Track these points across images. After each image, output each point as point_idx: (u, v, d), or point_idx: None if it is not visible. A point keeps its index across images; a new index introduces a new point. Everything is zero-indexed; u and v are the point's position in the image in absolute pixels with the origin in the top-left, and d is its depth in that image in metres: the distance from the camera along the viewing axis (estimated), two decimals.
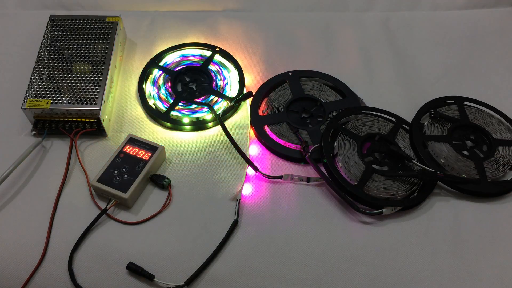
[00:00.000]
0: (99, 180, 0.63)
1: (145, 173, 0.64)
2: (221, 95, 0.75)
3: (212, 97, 0.75)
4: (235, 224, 0.62)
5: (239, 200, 0.64)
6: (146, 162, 0.65)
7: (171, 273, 0.58)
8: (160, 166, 0.68)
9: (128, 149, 0.66)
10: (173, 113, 0.73)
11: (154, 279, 0.57)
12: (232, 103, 0.73)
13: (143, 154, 0.66)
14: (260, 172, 0.67)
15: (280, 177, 0.67)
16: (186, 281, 0.57)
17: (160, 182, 0.65)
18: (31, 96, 0.68)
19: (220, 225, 0.62)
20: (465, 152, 0.69)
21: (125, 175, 0.63)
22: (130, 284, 0.57)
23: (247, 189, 0.66)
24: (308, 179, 0.67)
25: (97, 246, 0.60)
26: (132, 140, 0.67)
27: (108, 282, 0.57)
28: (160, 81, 0.77)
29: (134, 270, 0.57)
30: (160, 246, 0.60)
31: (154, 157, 0.65)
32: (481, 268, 0.60)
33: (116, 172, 0.63)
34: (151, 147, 0.66)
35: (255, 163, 0.67)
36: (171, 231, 0.62)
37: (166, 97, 0.75)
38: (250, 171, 0.68)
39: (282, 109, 0.74)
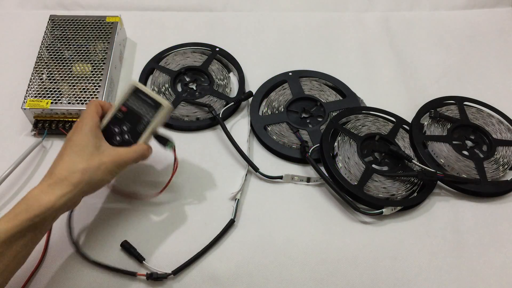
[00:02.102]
0: None
1: (148, 134, 0.57)
2: (221, 95, 0.75)
3: (212, 97, 0.75)
4: (231, 223, 0.62)
5: (238, 200, 0.64)
6: (149, 121, 0.57)
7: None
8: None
9: (131, 102, 0.57)
10: (173, 113, 0.73)
11: (143, 261, 0.58)
12: (232, 103, 0.73)
13: (146, 111, 0.57)
14: (260, 172, 0.67)
15: (281, 177, 0.67)
16: (173, 270, 0.57)
17: (163, 143, 0.59)
18: (31, 96, 0.69)
19: (219, 224, 0.62)
20: (465, 152, 0.69)
21: (126, 135, 0.57)
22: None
23: (247, 189, 0.66)
24: (308, 179, 0.67)
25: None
26: (137, 92, 0.58)
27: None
28: (160, 81, 0.77)
29: (127, 249, 0.59)
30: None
31: (158, 116, 0.57)
32: (481, 268, 0.60)
33: (117, 130, 0.57)
34: (156, 103, 0.57)
35: (255, 163, 0.68)
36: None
37: (166, 97, 0.75)
38: (250, 171, 0.68)
39: (282, 109, 0.74)
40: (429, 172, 0.64)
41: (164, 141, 0.59)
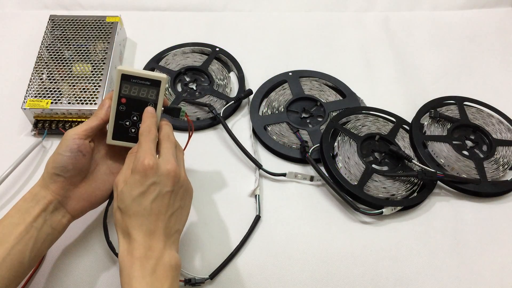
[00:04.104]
0: (114, 138, 0.55)
1: (159, 113, 0.55)
2: (221, 95, 0.75)
3: (212, 97, 0.75)
4: (257, 219, 0.62)
5: (258, 195, 0.64)
6: (155, 101, 0.54)
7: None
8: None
9: (126, 91, 0.54)
10: None
11: None
12: (232, 102, 0.73)
13: (147, 93, 0.54)
14: (263, 169, 0.67)
15: (284, 175, 0.67)
16: (210, 274, 0.57)
17: (176, 114, 0.57)
18: (31, 96, 0.69)
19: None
20: (465, 152, 0.69)
21: (139, 123, 0.54)
22: None
23: (249, 188, 0.66)
24: (312, 178, 0.67)
25: None
26: (127, 78, 0.53)
27: None
28: None
29: None
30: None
31: (161, 93, 0.54)
32: (481, 268, 0.60)
33: (127, 123, 0.55)
34: (153, 81, 0.54)
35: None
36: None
37: (166, 98, 0.75)
38: (250, 171, 0.68)
39: (282, 109, 0.74)
40: (429, 172, 0.64)
41: (176, 112, 0.57)
